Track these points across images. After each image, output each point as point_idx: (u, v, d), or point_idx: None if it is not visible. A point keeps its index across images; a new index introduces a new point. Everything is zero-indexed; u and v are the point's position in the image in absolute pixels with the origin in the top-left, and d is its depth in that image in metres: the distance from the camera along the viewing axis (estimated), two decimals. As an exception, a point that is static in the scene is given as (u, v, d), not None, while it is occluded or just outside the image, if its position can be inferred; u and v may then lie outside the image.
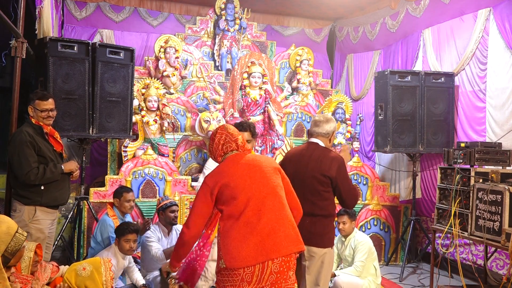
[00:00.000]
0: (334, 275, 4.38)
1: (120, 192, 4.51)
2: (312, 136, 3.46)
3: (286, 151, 6.38)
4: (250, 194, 2.62)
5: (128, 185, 5.35)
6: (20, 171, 3.43)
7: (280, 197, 2.68)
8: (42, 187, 3.51)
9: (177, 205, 4.60)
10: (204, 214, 2.69)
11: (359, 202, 6.04)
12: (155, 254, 4.18)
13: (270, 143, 6.14)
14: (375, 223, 6.06)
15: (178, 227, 4.70)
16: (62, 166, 3.65)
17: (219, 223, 2.69)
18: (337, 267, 5.02)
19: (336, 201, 3.39)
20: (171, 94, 6.30)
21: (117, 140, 5.79)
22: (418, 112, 5.68)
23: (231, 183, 2.63)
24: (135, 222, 4.49)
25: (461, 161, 4.58)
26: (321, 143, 3.40)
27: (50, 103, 3.65)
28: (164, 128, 5.88)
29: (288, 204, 2.72)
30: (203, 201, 2.67)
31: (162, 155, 5.77)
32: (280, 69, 7.16)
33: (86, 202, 4.93)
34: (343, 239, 4.67)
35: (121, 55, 4.90)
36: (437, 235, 4.77)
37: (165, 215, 4.47)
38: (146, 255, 4.37)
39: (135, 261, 4.41)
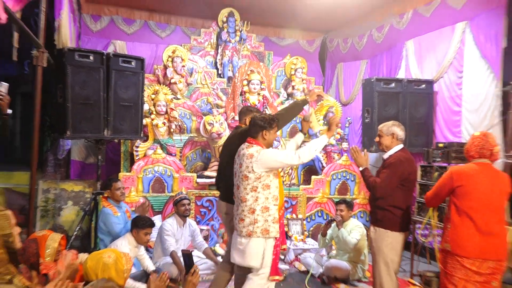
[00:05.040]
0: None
1: (109, 183, 4.53)
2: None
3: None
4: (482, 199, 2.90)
5: (140, 182, 5.37)
6: None
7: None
8: None
9: (187, 199, 4.66)
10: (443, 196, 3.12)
11: (347, 196, 6.07)
12: (167, 248, 4.28)
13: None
14: (362, 215, 6.09)
15: (191, 222, 4.77)
16: None
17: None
18: (328, 253, 5.07)
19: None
20: (178, 99, 6.32)
21: (129, 141, 5.80)
22: (401, 115, 5.70)
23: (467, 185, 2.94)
24: (149, 217, 4.51)
25: (439, 159, 4.62)
26: None
27: None
28: (171, 130, 5.90)
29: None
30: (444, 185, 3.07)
31: (170, 154, 5.79)
32: (277, 77, 7.18)
33: (101, 197, 4.95)
34: (340, 225, 4.68)
35: (132, 64, 4.90)
36: (417, 226, 4.80)
37: (178, 208, 4.58)
38: (159, 244, 4.42)
39: (146, 250, 4.44)
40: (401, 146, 3.46)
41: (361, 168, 3.45)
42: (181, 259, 3.79)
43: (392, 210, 3.30)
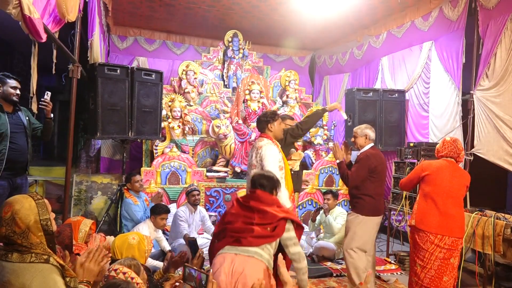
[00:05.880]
0: None
1: (129, 177, 4.53)
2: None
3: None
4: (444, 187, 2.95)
5: (158, 176, 5.34)
6: None
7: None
8: None
9: (197, 190, 4.60)
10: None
11: (333, 187, 6.04)
12: (181, 232, 4.26)
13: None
14: (345, 203, 6.05)
15: (201, 209, 4.73)
16: None
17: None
18: (317, 236, 5.03)
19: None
20: (191, 106, 6.28)
21: (150, 140, 5.76)
22: (378, 120, 5.67)
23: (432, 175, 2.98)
24: (165, 205, 4.48)
25: (410, 156, 4.59)
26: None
27: None
28: (185, 131, 5.86)
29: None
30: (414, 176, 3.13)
31: (184, 152, 5.75)
32: (274, 87, 7.15)
33: (124, 188, 4.90)
34: (327, 212, 4.67)
35: (152, 76, 4.88)
36: (392, 212, 4.77)
37: (189, 198, 4.53)
38: (174, 228, 4.38)
39: (163, 233, 4.41)
40: (371, 144, 3.46)
41: (337, 161, 3.48)
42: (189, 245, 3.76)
43: (364, 198, 3.31)
